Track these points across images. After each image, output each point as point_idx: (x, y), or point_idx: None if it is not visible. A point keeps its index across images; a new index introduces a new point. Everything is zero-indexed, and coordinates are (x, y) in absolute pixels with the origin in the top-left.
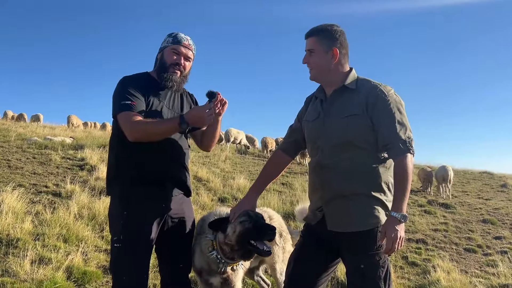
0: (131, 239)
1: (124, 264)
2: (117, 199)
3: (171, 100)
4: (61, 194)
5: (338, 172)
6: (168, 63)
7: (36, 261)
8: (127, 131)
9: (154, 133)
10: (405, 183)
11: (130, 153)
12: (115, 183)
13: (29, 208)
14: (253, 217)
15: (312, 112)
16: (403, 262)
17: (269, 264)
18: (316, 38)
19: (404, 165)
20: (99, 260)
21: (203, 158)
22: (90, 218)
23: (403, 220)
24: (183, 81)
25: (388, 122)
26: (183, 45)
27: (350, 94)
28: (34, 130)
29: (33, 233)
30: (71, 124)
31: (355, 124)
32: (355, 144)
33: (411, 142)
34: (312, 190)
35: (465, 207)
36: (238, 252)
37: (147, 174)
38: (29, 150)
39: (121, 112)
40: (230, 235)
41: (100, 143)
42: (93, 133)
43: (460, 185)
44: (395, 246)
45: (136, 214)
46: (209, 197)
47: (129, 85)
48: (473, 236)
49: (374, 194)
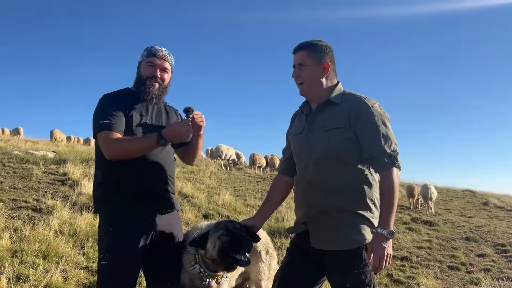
0: (117, 256)
1: (110, 282)
2: (104, 216)
3: (153, 114)
4: (41, 210)
5: (322, 188)
6: (145, 76)
7: (13, 279)
8: (104, 150)
9: (131, 151)
10: (392, 199)
11: (114, 170)
12: (101, 200)
13: (8, 223)
14: (230, 230)
15: (297, 126)
16: (388, 280)
17: (255, 281)
18: (307, 52)
19: (390, 180)
20: (79, 277)
21: (188, 173)
22: (71, 234)
23: (390, 236)
24: (163, 93)
25: (373, 135)
26: (158, 57)
27: (333, 108)
28: (16, 144)
29: (11, 250)
30: (54, 139)
31: (337, 137)
32: (339, 158)
33: (397, 155)
34: (298, 206)
35: (449, 225)
36: (220, 265)
37: (132, 190)
38: (10, 164)
39: (100, 131)
40: (210, 250)
41: (83, 158)
42: (76, 147)
43: (443, 202)
44: (383, 263)
45: (121, 230)
46: (194, 213)
47: (109, 103)
48: (456, 253)
49: (359, 212)
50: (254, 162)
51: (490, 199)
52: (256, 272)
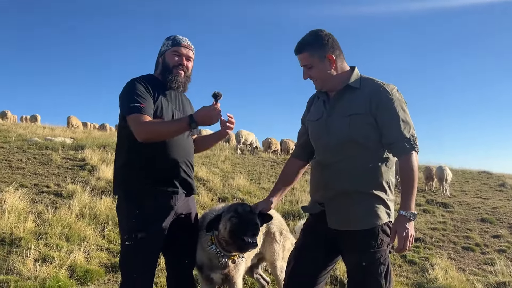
0: (143, 237)
1: (135, 262)
2: (128, 198)
3: (177, 100)
4: (62, 194)
5: (340, 171)
6: (172, 65)
7: (39, 260)
8: (137, 132)
9: (164, 133)
10: (412, 181)
11: (139, 154)
12: (124, 183)
13: (31, 208)
14: (240, 212)
15: (315, 112)
16: (402, 261)
17: (270, 261)
18: (308, 52)
19: (410, 163)
20: (101, 258)
21: (203, 158)
22: (91, 218)
23: (412, 218)
24: (187, 81)
25: (393, 120)
26: (183, 46)
27: (353, 93)
28: (34, 131)
29: (36, 232)
30: (71, 125)
31: (358, 122)
32: (358, 143)
33: (415, 140)
34: (314, 188)
35: (464, 206)
36: (233, 246)
37: (157, 174)
38: (30, 151)
39: (131, 114)
40: (222, 231)
41: (100, 144)
42: (93, 133)
43: (459, 184)
44: (407, 244)
45: (147, 213)
46: (209, 197)
47: (138, 87)
48: (471, 235)
49: (375, 193)
50: (270, 146)
51: (507, 181)
52: (270, 252)
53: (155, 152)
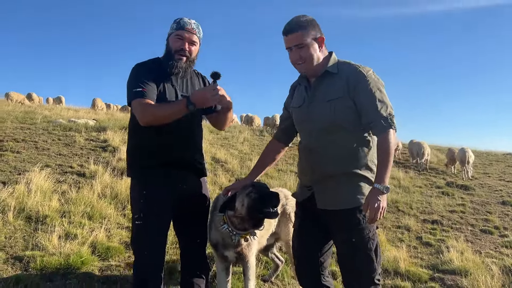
0: (151, 216)
1: (145, 240)
2: (137, 180)
3: (183, 84)
4: (85, 174)
5: (326, 154)
6: (173, 50)
7: (63, 237)
8: (138, 116)
9: (163, 116)
10: (388, 157)
11: (147, 137)
12: (134, 165)
13: (56, 187)
14: (257, 187)
15: (297, 98)
16: (417, 242)
17: (285, 241)
18: (301, 32)
19: (387, 140)
20: (121, 236)
21: (222, 139)
22: (112, 197)
23: (385, 191)
24: (190, 66)
25: (370, 101)
26: (186, 30)
27: (332, 78)
28: (59, 112)
29: (60, 211)
30: (96, 107)
31: (339, 106)
32: (341, 126)
33: (392, 118)
34: (302, 171)
35: (485, 189)
36: (249, 222)
37: (163, 155)
38: (54, 132)
39: (134, 99)
40: (239, 208)
41: (121, 125)
42: (115, 115)
43: (482, 166)
44: (378, 215)
45: (155, 194)
46: (227, 178)
47: (141, 72)
48: (490, 217)
49: (361, 173)
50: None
51: None
52: (286, 232)
53: (162, 135)
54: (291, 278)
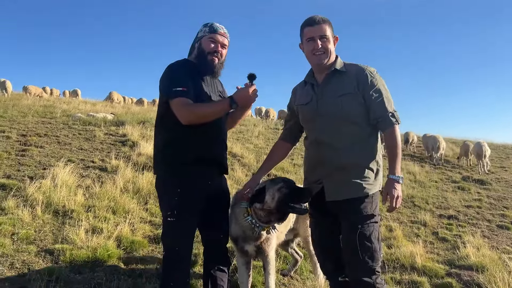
0: (184, 214)
1: (177, 236)
2: (169, 177)
3: (212, 84)
4: (107, 169)
5: (337, 148)
6: (207, 51)
7: (90, 231)
8: (181, 115)
9: (207, 115)
10: (397, 150)
11: (178, 135)
12: (165, 162)
13: (80, 182)
14: (288, 182)
15: (303, 96)
16: (433, 238)
17: (303, 237)
18: (327, 25)
19: (395, 135)
20: (145, 230)
21: (237, 133)
22: (134, 192)
23: (400, 181)
24: (221, 67)
25: (378, 98)
26: (219, 34)
27: (340, 76)
28: (77, 106)
29: (85, 205)
30: (112, 100)
31: (348, 102)
32: (350, 121)
33: (397, 114)
34: (311, 166)
35: (502, 184)
36: (275, 215)
37: (196, 153)
38: (75, 127)
39: (176, 98)
40: (269, 202)
41: (139, 119)
42: (131, 109)
43: (499, 160)
44: (396, 204)
45: (188, 191)
46: (244, 172)
47: (179, 72)
48: (507, 213)
49: (370, 165)
50: None
51: None
52: (304, 228)
53: (194, 132)
54: (309, 273)
